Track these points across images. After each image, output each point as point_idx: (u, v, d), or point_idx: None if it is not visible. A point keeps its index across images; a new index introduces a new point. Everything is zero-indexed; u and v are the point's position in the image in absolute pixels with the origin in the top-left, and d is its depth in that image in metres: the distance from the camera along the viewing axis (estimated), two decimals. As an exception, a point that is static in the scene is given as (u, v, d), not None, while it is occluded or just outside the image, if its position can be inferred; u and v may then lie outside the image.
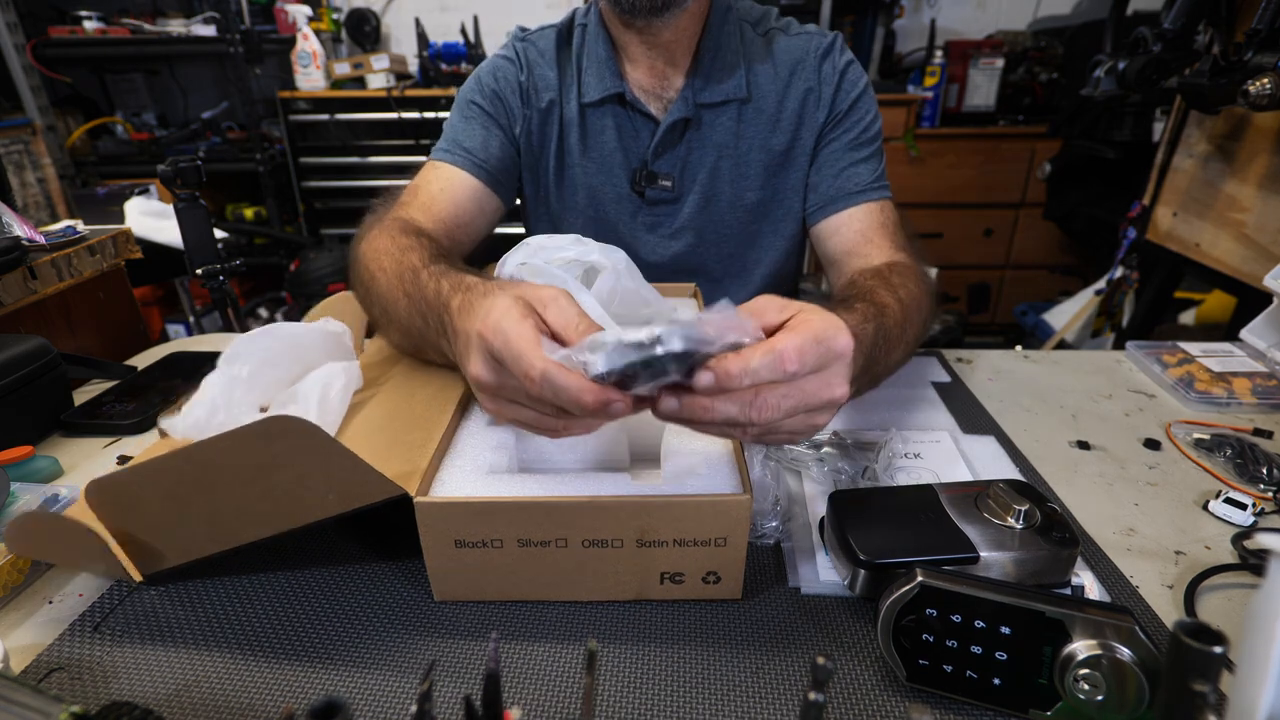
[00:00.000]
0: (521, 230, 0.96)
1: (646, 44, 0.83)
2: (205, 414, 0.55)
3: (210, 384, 0.57)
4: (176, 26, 2.63)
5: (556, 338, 0.44)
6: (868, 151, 0.86)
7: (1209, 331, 1.95)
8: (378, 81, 2.59)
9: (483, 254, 0.89)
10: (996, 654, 0.39)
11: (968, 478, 0.62)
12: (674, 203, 0.90)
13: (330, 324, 0.64)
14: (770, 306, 0.45)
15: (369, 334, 0.76)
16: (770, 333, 0.44)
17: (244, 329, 0.66)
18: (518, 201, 0.96)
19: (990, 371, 0.85)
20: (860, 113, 0.86)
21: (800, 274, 1.04)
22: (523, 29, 0.91)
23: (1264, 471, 0.63)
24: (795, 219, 0.91)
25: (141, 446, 0.70)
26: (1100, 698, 0.37)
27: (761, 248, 0.93)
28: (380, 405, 0.60)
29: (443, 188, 0.82)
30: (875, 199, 0.84)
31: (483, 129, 0.85)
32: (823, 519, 0.53)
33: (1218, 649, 0.27)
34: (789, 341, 0.41)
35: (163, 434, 0.58)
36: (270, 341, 0.60)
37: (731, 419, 0.42)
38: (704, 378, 0.40)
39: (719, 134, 0.86)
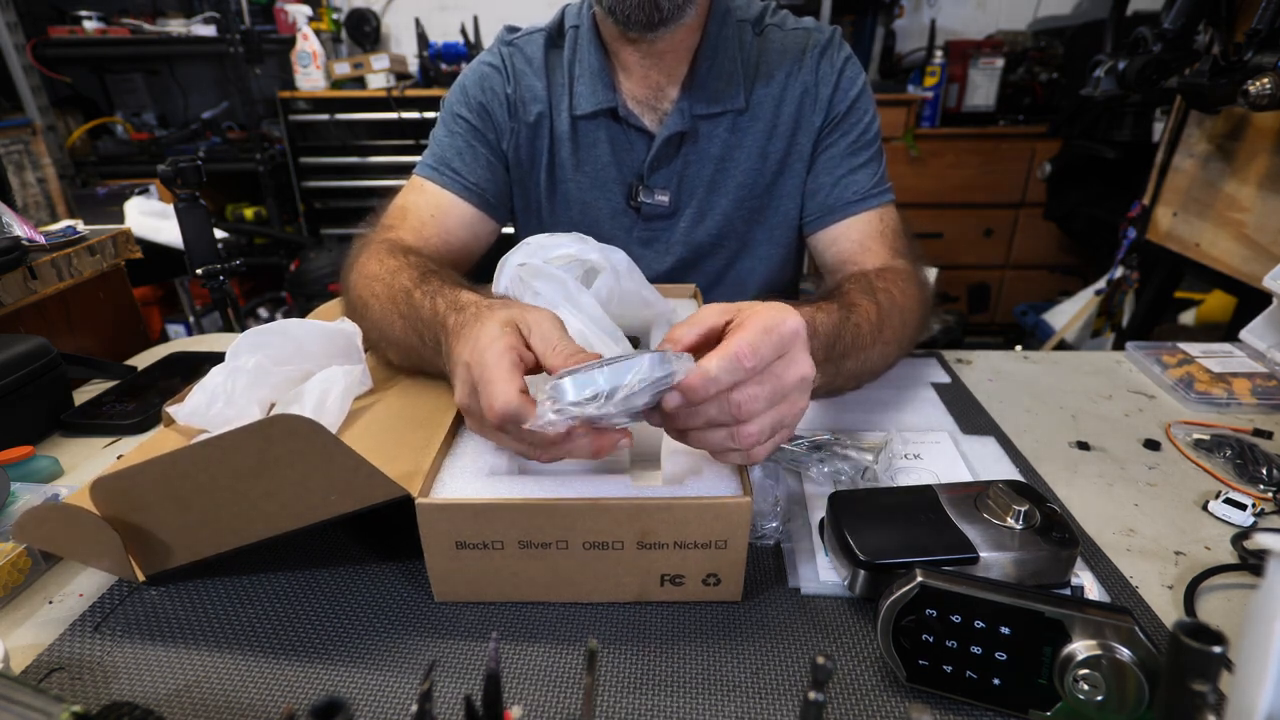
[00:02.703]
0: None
1: (642, 54, 0.80)
2: (205, 401, 0.55)
3: (213, 374, 0.57)
4: (176, 26, 2.63)
5: (539, 359, 0.47)
6: (866, 155, 0.84)
7: (1209, 331, 1.95)
8: (378, 81, 2.59)
9: (483, 256, 0.88)
10: (996, 654, 0.39)
11: (968, 478, 0.62)
12: (670, 217, 0.88)
13: (344, 324, 0.64)
14: (710, 314, 0.48)
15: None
16: (718, 336, 0.46)
17: (244, 329, 0.66)
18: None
19: (990, 372, 0.85)
20: (859, 114, 0.84)
21: (799, 279, 1.02)
22: (510, 30, 0.87)
23: (1264, 472, 0.63)
24: (791, 226, 0.89)
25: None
26: (1100, 698, 0.37)
27: (757, 256, 0.91)
28: (384, 407, 0.60)
29: (433, 213, 0.80)
30: (874, 206, 0.82)
31: (469, 146, 0.83)
32: (823, 519, 0.53)
33: (1217, 649, 0.27)
34: (740, 339, 0.43)
35: (168, 420, 0.59)
36: (278, 338, 0.60)
37: (713, 420, 0.44)
38: (671, 399, 0.42)
39: (715, 146, 0.84)
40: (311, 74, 2.58)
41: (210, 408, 0.55)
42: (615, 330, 0.61)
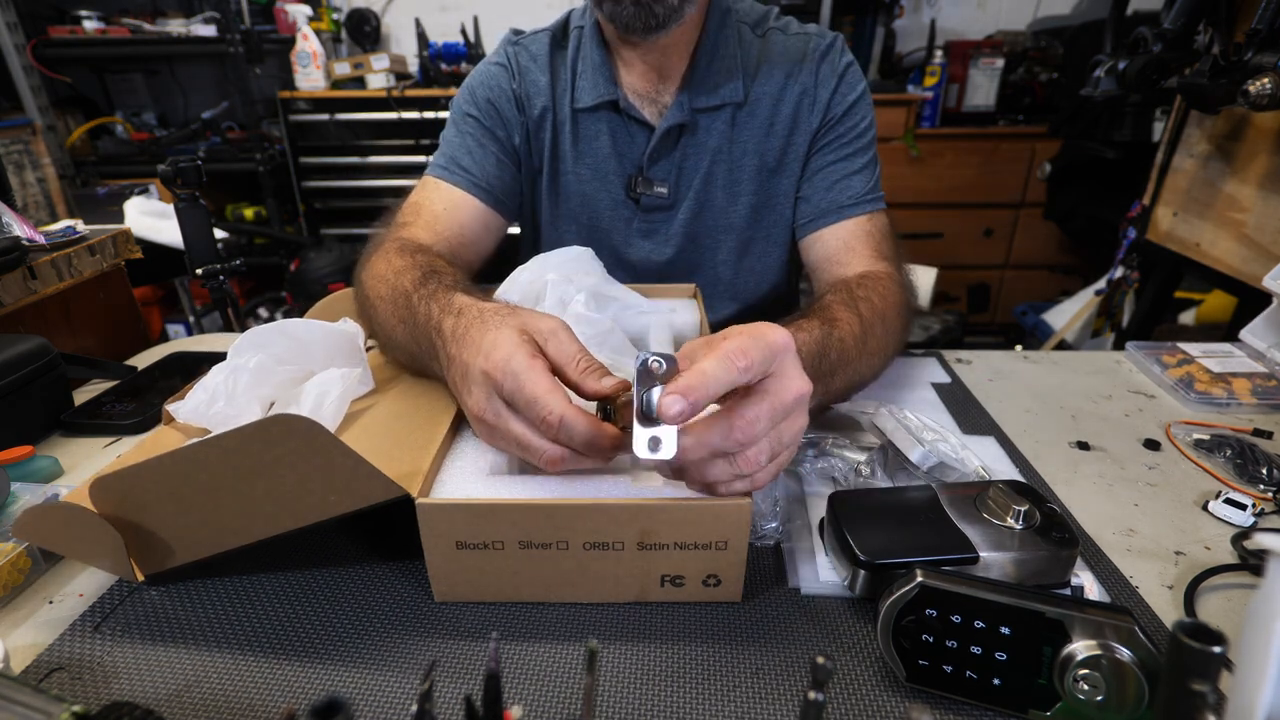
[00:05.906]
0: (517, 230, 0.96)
1: (642, 51, 0.82)
2: (205, 399, 0.56)
3: (214, 372, 0.58)
4: (176, 26, 2.63)
5: (556, 371, 0.46)
6: (861, 162, 0.84)
7: (1209, 331, 1.95)
8: (378, 81, 2.59)
9: (493, 258, 0.88)
10: (996, 654, 0.40)
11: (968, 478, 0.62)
12: (669, 209, 0.89)
13: (346, 324, 0.64)
14: (697, 344, 0.46)
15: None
16: None
17: (244, 329, 0.66)
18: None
19: (990, 372, 0.85)
20: (855, 118, 0.84)
21: (798, 282, 1.03)
22: (516, 32, 0.89)
23: (1263, 472, 0.63)
24: (787, 227, 0.90)
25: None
26: (1100, 698, 0.37)
27: (755, 254, 0.92)
28: (384, 407, 0.60)
29: (446, 208, 0.81)
30: (865, 212, 0.82)
31: (479, 145, 0.84)
32: (823, 519, 0.53)
33: (1217, 649, 0.27)
34: (730, 343, 0.41)
35: (168, 418, 0.59)
36: (280, 337, 0.60)
37: (715, 449, 0.42)
38: (669, 403, 0.39)
39: (714, 139, 0.85)
40: (311, 74, 2.58)
41: (211, 406, 0.56)
42: (616, 329, 0.61)
